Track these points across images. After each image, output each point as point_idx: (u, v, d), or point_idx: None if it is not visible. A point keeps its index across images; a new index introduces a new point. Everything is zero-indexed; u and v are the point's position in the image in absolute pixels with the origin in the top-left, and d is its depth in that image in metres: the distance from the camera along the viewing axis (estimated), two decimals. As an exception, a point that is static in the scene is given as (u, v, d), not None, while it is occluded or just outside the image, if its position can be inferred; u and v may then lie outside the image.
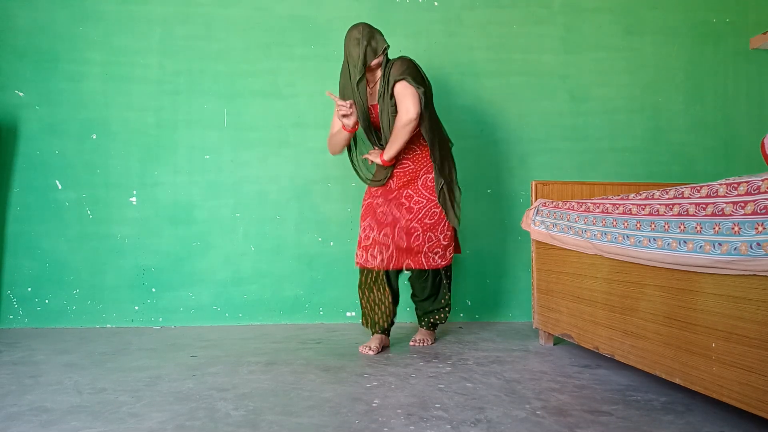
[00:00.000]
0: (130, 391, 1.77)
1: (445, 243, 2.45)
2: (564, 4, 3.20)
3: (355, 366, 2.10)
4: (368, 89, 2.42)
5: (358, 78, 2.33)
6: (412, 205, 2.43)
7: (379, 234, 2.38)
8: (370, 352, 2.33)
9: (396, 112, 2.33)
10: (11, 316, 2.93)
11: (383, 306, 2.44)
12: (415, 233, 2.41)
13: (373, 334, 2.46)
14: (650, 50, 3.23)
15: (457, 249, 2.56)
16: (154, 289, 2.99)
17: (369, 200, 2.49)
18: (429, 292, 2.52)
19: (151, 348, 2.43)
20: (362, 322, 2.50)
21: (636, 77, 3.22)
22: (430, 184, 2.44)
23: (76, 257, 2.97)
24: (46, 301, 2.95)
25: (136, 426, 1.47)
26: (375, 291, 2.43)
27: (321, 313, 3.05)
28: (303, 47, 3.10)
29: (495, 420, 1.51)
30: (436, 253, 2.43)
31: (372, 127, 2.46)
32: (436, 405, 1.64)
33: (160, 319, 2.98)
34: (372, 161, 2.44)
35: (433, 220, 2.43)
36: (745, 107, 3.25)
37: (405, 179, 2.45)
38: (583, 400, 1.69)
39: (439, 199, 2.42)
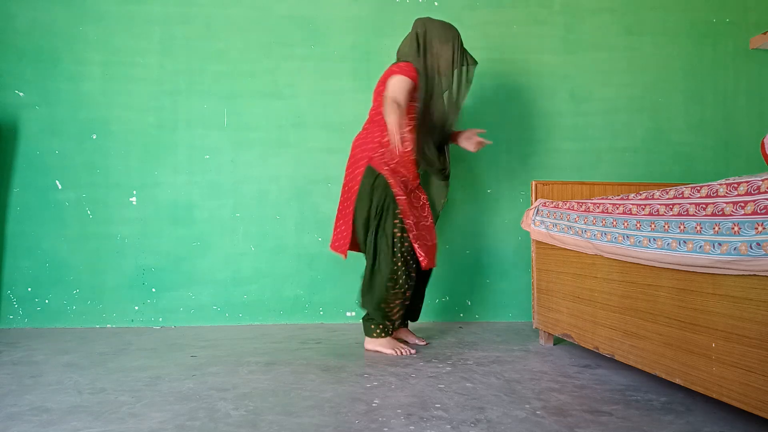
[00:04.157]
0: (130, 391, 1.77)
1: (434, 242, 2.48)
2: (564, 4, 3.20)
3: (355, 366, 2.10)
4: None
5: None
6: (423, 202, 2.49)
7: (429, 235, 2.43)
8: (413, 351, 2.29)
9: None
10: (11, 316, 2.93)
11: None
12: (433, 231, 2.49)
13: (389, 336, 2.34)
14: (650, 50, 3.23)
15: None
16: (154, 289, 2.99)
17: (403, 197, 2.31)
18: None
19: (151, 348, 2.43)
20: (380, 331, 2.31)
21: (636, 77, 3.22)
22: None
23: (76, 257, 2.97)
24: (46, 301, 2.95)
25: (136, 426, 1.47)
26: (409, 293, 2.35)
27: (321, 313, 3.05)
28: (303, 47, 3.09)
29: (495, 420, 1.51)
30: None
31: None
32: (436, 405, 1.64)
33: (160, 319, 2.98)
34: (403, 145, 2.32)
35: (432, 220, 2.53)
36: (745, 107, 3.25)
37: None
38: (583, 400, 1.69)
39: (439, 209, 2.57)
